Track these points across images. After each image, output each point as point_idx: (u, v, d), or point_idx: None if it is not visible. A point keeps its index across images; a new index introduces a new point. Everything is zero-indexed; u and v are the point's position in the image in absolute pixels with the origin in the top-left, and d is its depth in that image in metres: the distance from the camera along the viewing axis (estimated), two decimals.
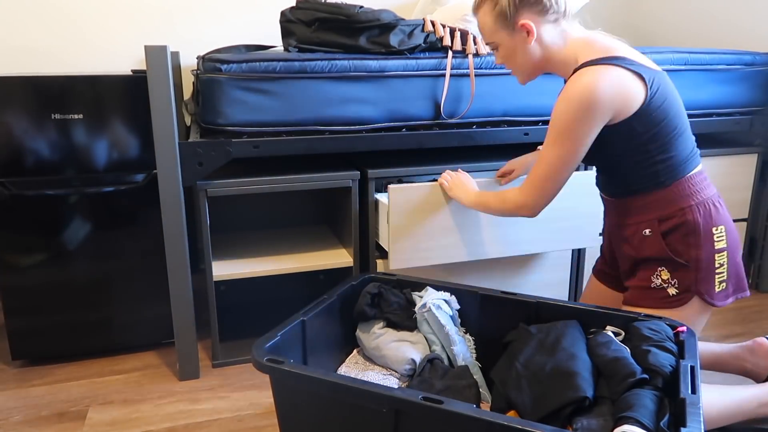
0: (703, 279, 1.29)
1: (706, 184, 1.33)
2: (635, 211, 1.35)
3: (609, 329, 1.24)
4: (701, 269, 1.29)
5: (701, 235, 1.28)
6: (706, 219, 1.29)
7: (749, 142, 2.12)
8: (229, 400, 1.57)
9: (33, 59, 2.12)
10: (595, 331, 1.24)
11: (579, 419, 1.02)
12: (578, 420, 1.02)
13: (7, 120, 1.56)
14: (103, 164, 1.65)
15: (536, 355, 1.18)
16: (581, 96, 1.21)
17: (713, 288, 1.30)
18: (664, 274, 1.32)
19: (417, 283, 1.45)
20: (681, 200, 1.30)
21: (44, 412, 1.51)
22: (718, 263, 1.30)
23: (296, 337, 1.24)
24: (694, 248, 1.29)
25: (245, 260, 1.80)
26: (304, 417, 1.11)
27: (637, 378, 1.04)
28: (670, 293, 1.32)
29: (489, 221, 1.68)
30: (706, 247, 1.29)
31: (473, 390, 1.18)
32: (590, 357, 1.14)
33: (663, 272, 1.32)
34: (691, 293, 1.30)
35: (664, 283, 1.32)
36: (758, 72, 2.02)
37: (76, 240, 1.67)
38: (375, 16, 1.62)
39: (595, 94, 1.20)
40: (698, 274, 1.29)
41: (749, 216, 2.14)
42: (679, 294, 1.31)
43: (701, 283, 1.30)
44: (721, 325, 1.95)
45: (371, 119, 1.66)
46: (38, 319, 1.69)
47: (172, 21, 2.22)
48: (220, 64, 1.52)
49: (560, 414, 1.05)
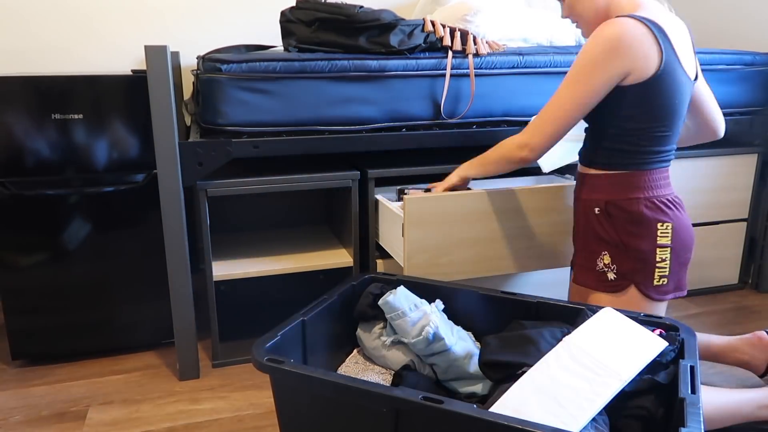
0: (641, 270, 1.33)
1: (664, 184, 1.35)
2: (590, 187, 1.39)
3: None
4: (639, 260, 1.32)
5: (644, 226, 1.32)
6: (653, 213, 1.32)
7: (749, 142, 2.12)
8: (229, 400, 1.57)
9: (33, 59, 2.12)
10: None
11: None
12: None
13: (7, 120, 1.56)
14: (103, 164, 1.65)
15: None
16: (609, 37, 1.23)
17: (650, 281, 1.33)
18: (606, 258, 1.37)
19: (417, 283, 1.45)
20: (632, 190, 1.33)
21: (44, 412, 1.51)
22: (660, 257, 1.32)
23: (296, 337, 1.24)
24: (636, 238, 1.32)
25: (245, 260, 1.80)
26: (304, 417, 1.11)
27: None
28: (609, 278, 1.36)
29: (515, 234, 1.62)
30: (648, 239, 1.32)
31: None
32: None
33: (605, 257, 1.37)
34: (627, 281, 1.34)
35: (605, 267, 1.37)
36: (758, 72, 2.02)
37: (76, 240, 1.67)
38: (375, 16, 1.62)
39: (621, 39, 1.22)
40: (636, 264, 1.33)
41: (749, 216, 2.14)
42: (617, 280, 1.35)
43: (638, 274, 1.33)
44: (721, 325, 1.95)
45: (371, 119, 1.66)
46: (38, 319, 1.69)
47: (172, 21, 2.22)
48: (220, 64, 1.52)
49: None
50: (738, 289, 2.22)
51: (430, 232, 1.55)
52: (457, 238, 1.58)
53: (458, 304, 1.40)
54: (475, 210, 1.57)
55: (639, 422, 1.07)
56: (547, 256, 1.67)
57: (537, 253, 1.65)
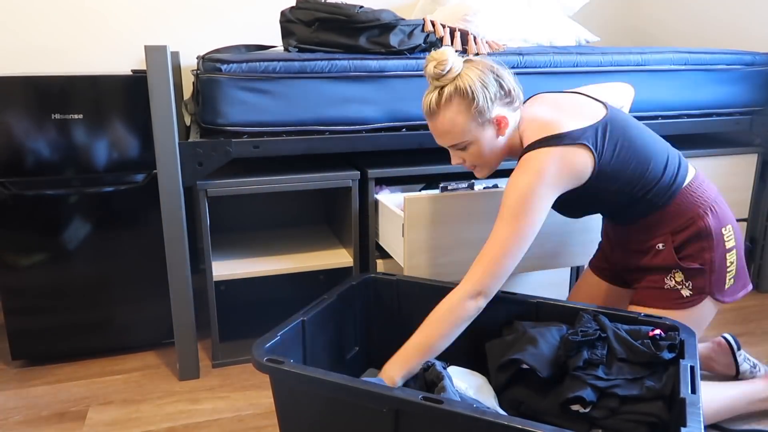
0: (717, 280, 1.31)
1: (705, 187, 1.33)
2: (645, 230, 1.35)
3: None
4: (715, 271, 1.30)
5: (714, 238, 1.30)
6: (716, 221, 1.30)
7: (749, 142, 2.12)
8: (229, 400, 1.57)
9: (33, 59, 2.12)
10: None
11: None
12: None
13: (7, 120, 1.56)
14: (103, 164, 1.65)
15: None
16: (529, 185, 1.20)
17: (724, 286, 1.32)
18: (678, 276, 1.32)
19: (416, 283, 1.45)
20: (688, 210, 1.30)
21: (44, 412, 1.51)
22: (729, 261, 1.32)
23: (296, 337, 1.24)
24: (708, 251, 1.30)
25: (245, 260, 1.80)
26: (304, 417, 1.11)
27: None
28: (684, 294, 1.32)
29: None
30: (719, 249, 1.30)
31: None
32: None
33: (677, 274, 1.32)
34: (704, 294, 1.31)
35: (678, 284, 1.33)
36: (758, 72, 2.02)
37: (76, 240, 1.67)
38: (375, 16, 1.62)
39: (542, 184, 1.20)
40: (712, 275, 1.30)
41: (749, 216, 2.14)
42: (692, 295, 1.32)
43: (715, 284, 1.31)
44: (721, 325, 1.95)
45: (371, 119, 1.66)
46: (38, 319, 1.69)
47: (172, 21, 2.22)
48: (220, 64, 1.52)
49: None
50: None
51: (430, 232, 1.55)
52: (457, 238, 1.57)
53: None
54: (475, 210, 1.57)
55: (646, 427, 1.07)
56: (547, 256, 1.67)
57: (537, 253, 1.65)
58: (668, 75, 1.91)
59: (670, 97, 1.93)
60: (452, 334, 1.20)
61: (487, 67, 1.29)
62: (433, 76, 1.29)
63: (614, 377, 1.12)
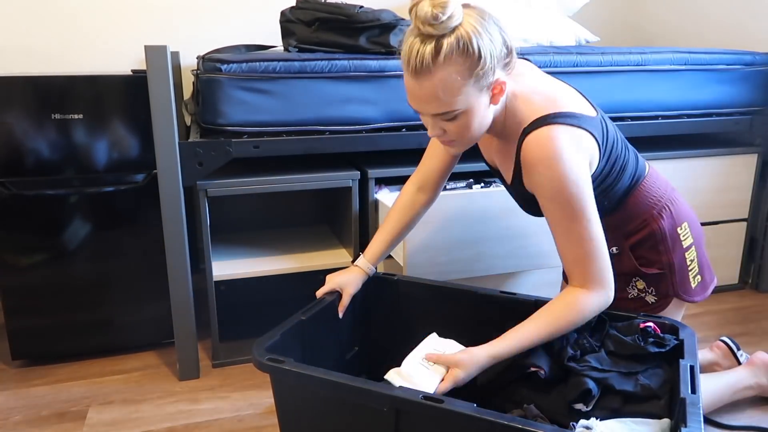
0: (680, 281, 1.28)
1: (658, 184, 1.27)
2: None
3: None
4: (676, 272, 1.27)
5: (668, 240, 1.25)
6: (670, 221, 1.25)
7: (749, 142, 2.12)
8: (229, 400, 1.57)
9: (33, 59, 2.12)
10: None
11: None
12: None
13: (7, 120, 1.56)
14: (103, 164, 1.65)
15: None
16: (560, 161, 1.06)
17: (690, 286, 1.29)
18: (640, 283, 1.29)
19: (416, 283, 1.45)
20: (642, 212, 1.25)
21: (44, 412, 1.51)
22: (689, 260, 1.28)
23: (296, 337, 1.24)
24: (665, 254, 1.26)
25: (245, 260, 1.80)
26: (305, 417, 1.11)
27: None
28: (649, 301, 1.29)
29: (515, 233, 1.61)
30: (677, 249, 1.26)
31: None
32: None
33: (638, 282, 1.29)
34: (670, 297, 1.28)
35: (641, 292, 1.29)
36: (758, 72, 2.02)
37: (76, 240, 1.67)
38: (375, 16, 1.62)
39: (578, 169, 1.08)
40: (673, 277, 1.27)
41: (749, 216, 2.14)
42: (658, 300, 1.29)
43: (678, 286, 1.28)
44: (721, 325, 1.95)
45: (371, 119, 1.66)
46: (38, 319, 1.69)
47: (172, 21, 2.22)
48: (220, 64, 1.52)
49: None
50: (738, 289, 2.22)
51: (430, 232, 1.55)
52: (457, 238, 1.58)
53: (458, 304, 1.40)
54: (475, 210, 1.57)
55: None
56: (546, 256, 1.67)
57: (537, 253, 1.65)
58: (668, 75, 1.91)
59: (670, 97, 1.93)
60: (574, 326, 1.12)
61: (489, 15, 1.03)
62: (426, 20, 0.97)
63: (608, 368, 1.12)
